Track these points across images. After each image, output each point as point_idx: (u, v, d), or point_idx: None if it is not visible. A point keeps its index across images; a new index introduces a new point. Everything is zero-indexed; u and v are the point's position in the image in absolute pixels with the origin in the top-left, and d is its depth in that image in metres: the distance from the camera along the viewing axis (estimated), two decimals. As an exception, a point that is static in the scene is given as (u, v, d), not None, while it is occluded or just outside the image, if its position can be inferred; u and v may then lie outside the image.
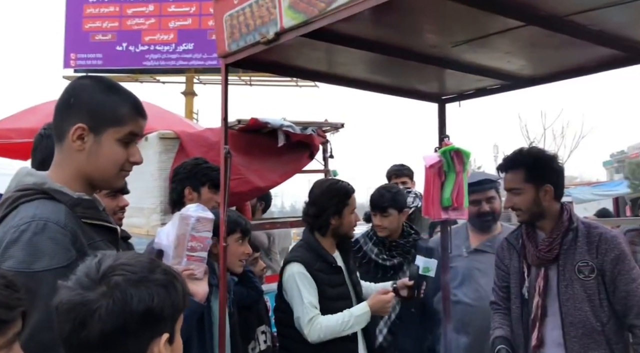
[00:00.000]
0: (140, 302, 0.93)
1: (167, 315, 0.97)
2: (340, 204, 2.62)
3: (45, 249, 1.22)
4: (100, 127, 1.39)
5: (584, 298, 2.12)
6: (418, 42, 2.10)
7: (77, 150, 1.39)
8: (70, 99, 1.40)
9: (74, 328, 0.93)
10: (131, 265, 0.98)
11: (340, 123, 3.70)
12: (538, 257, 2.22)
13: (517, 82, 2.59)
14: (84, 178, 1.42)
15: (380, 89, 2.76)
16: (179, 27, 12.68)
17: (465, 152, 2.82)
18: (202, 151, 3.25)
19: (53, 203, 1.31)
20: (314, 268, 2.55)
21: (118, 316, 0.92)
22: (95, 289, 0.94)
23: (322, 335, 2.46)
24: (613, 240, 2.14)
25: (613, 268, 2.10)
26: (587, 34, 1.91)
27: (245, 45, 2.11)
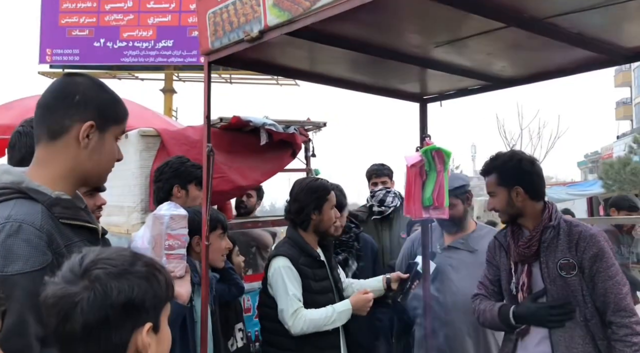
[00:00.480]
0: (121, 294, 0.96)
1: (149, 306, 1.00)
2: (320, 200, 2.71)
3: (20, 252, 1.19)
4: (105, 124, 1.41)
5: (568, 294, 2.17)
6: (401, 42, 2.11)
7: (81, 148, 1.37)
8: (75, 96, 1.37)
9: (59, 321, 0.96)
10: (112, 259, 1.00)
11: (323, 122, 3.70)
12: (518, 253, 2.29)
13: (498, 82, 2.63)
14: (76, 176, 1.40)
15: (363, 88, 2.77)
16: (158, 24, 12.54)
17: (446, 151, 2.85)
18: (183, 149, 3.22)
19: (30, 203, 1.27)
20: (298, 262, 2.62)
21: (99, 308, 0.95)
22: (77, 283, 0.96)
23: (305, 328, 2.52)
24: (592, 238, 2.18)
25: (591, 265, 2.14)
26: (567, 36, 1.95)
27: (228, 43, 2.10)
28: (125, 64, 12.53)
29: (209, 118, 2.25)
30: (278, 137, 3.44)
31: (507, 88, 2.67)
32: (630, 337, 2.06)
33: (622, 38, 2.05)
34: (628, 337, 2.06)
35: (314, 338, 2.56)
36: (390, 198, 3.78)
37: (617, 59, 2.21)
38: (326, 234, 2.79)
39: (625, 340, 2.06)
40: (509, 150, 2.57)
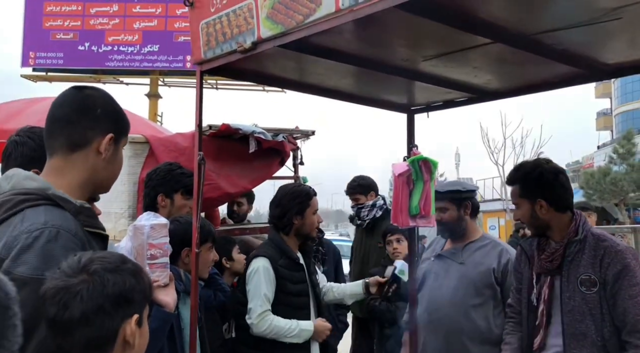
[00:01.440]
0: (115, 285, 1.10)
1: (136, 299, 1.14)
2: (302, 205, 2.80)
3: (58, 257, 1.22)
4: (120, 136, 1.50)
5: (585, 311, 2.10)
6: (390, 56, 2.16)
7: (101, 158, 1.44)
8: (97, 110, 1.44)
9: (58, 309, 1.07)
10: (107, 257, 1.15)
11: (311, 130, 3.74)
12: (541, 266, 2.27)
13: (483, 95, 2.69)
14: (91, 185, 1.45)
15: (352, 98, 2.81)
16: (144, 28, 12.48)
17: (432, 161, 2.90)
18: (172, 156, 3.23)
19: (59, 210, 1.32)
20: (278, 263, 2.70)
21: (97, 297, 1.07)
22: (77, 276, 1.09)
23: (267, 331, 2.60)
24: (617, 254, 2.09)
25: (614, 282, 2.06)
26: (552, 52, 2.01)
27: (221, 53, 2.13)
28: (110, 68, 12.45)
29: (201, 126, 2.28)
30: (267, 145, 3.46)
31: (492, 100, 2.73)
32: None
33: (604, 55, 2.12)
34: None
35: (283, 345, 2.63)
36: (364, 212, 4.05)
37: (599, 75, 2.28)
38: (308, 238, 2.88)
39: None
40: (534, 159, 2.54)
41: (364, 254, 4.12)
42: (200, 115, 2.27)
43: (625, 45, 2.01)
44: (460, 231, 3.04)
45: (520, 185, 2.33)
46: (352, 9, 1.62)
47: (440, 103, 2.95)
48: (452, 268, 3.01)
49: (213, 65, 2.19)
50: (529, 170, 2.36)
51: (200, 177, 2.24)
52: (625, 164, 15.76)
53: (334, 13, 1.68)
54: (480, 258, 2.97)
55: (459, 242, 3.07)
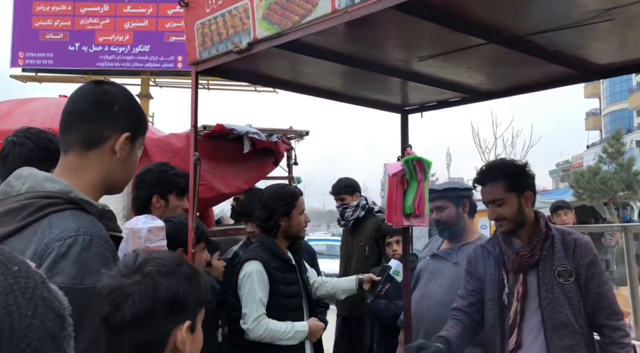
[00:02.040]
0: (168, 290, 1.06)
1: (190, 305, 1.09)
2: (288, 206, 2.77)
3: (94, 265, 1.20)
4: (136, 135, 1.44)
5: (564, 301, 2.18)
6: (386, 56, 2.17)
7: (116, 158, 1.38)
8: (114, 107, 1.38)
9: (111, 309, 1.05)
10: (162, 259, 1.11)
11: (305, 130, 3.75)
12: (520, 262, 2.27)
13: (477, 95, 2.71)
14: (105, 185, 1.40)
15: (346, 99, 2.83)
16: (135, 29, 12.42)
17: (426, 161, 2.92)
18: (166, 156, 3.23)
19: (87, 216, 1.27)
20: (271, 266, 2.68)
21: (148, 301, 1.04)
22: (131, 277, 1.07)
23: (263, 335, 2.58)
24: (587, 245, 2.24)
25: (587, 271, 2.19)
26: (544, 52, 2.04)
27: (217, 54, 2.14)
28: (101, 68, 12.36)
29: (196, 127, 2.28)
30: (261, 145, 3.47)
31: (485, 100, 2.75)
32: (623, 338, 2.14)
33: (595, 55, 2.15)
34: (621, 339, 2.14)
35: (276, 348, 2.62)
36: (349, 213, 4.12)
37: (591, 75, 2.31)
38: (296, 238, 2.87)
39: (619, 342, 2.13)
40: (498, 159, 2.56)
41: (347, 254, 4.22)
42: (196, 116, 2.27)
43: (616, 46, 2.04)
44: (458, 230, 3.04)
45: (505, 180, 2.31)
46: (348, 9, 1.63)
47: (434, 103, 2.97)
48: (446, 268, 3.02)
49: (208, 66, 2.19)
50: (513, 164, 2.39)
51: (196, 178, 2.25)
52: (615, 163, 15.93)
53: (330, 14, 1.69)
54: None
55: (456, 242, 3.07)
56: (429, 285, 3.04)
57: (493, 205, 2.34)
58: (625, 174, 15.27)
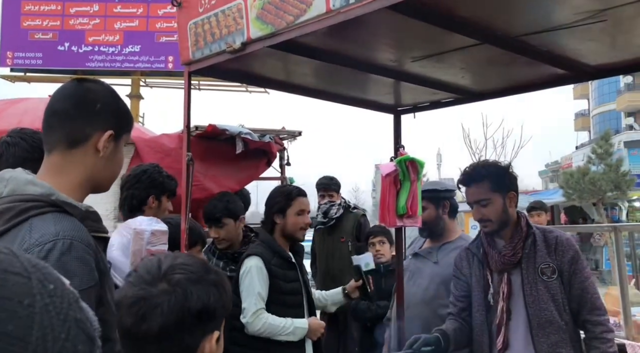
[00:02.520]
0: (199, 300, 1.00)
1: (218, 315, 1.04)
2: (283, 204, 2.76)
3: (74, 269, 1.17)
4: (120, 133, 1.41)
5: (548, 298, 2.21)
6: (380, 56, 2.17)
7: (100, 157, 1.36)
8: (97, 105, 1.36)
9: (135, 321, 0.98)
10: (190, 265, 1.04)
11: (298, 131, 3.75)
12: (503, 262, 2.30)
13: (470, 96, 2.72)
14: (90, 184, 1.38)
15: (340, 99, 2.83)
16: (125, 29, 12.35)
17: (419, 161, 2.92)
18: (158, 157, 3.22)
19: (68, 218, 1.25)
20: (271, 263, 2.68)
21: (178, 311, 0.98)
22: (157, 285, 1.00)
23: (262, 329, 2.58)
24: (568, 241, 2.28)
25: (569, 267, 2.22)
26: (537, 53, 2.05)
27: (210, 54, 2.13)
28: (91, 68, 12.26)
29: (189, 127, 2.26)
30: (254, 146, 3.46)
31: (478, 101, 2.77)
32: (605, 334, 2.16)
33: (587, 56, 2.16)
34: (604, 334, 2.16)
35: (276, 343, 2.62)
36: (334, 211, 4.15)
37: (582, 76, 2.33)
38: (293, 238, 2.83)
39: (602, 337, 2.15)
40: (482, 160, 2.59)
41: (328, 252, 4.24)
42: (189, 116, 2.26)
43: (607, 47, 2.05)
44: (438, 230, 3.05)
45: (490, 180, 2.32)
46: (342, 10, 1.63)
47: (427, 104, 2.97)
48: (426, 267, 3.02)
49: (201, 66, 2.18)
50: (496, 164, 2.42)
51: (189, 178, 2.24)
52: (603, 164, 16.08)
53: (325, 14, 1.68)
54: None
55: (437, 241, 3.08)
56: (409, 284, 3.04)
57: (478, 205, 2.35)
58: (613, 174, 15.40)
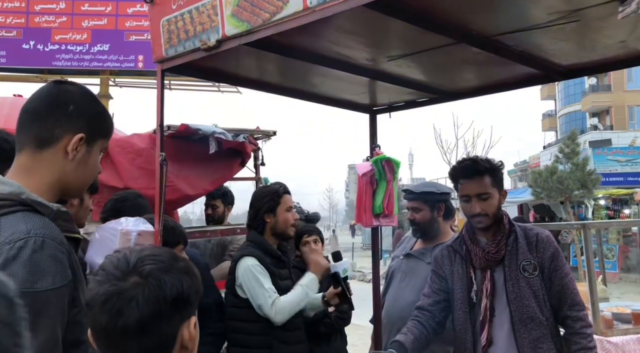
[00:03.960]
0: (173, 287, 0.98)
1: (193, 300, 1.03)
2: (271, 202, 2.78)
3: (47, 267, 1.16)
4: (94, 137, 1.37)
5: (530, 294, 2.22)
6: (356, 55, 2.16)
7: (69, 159, 1.33)
8: (69, 106, 1.33)
9: (111, 318, 0.95)
10: (158, 255, 1.03)
11: (272, 131, 3.71)
12: (487, 259, 2.30)
13: (444, 95, 2.74)
14: (59, 187, 1.34)
15: (316, 98, 2.81)
16: (93, 27, 12.04)
17: (395, 161, 2.94)
18: (129, 158, 3.14)
19: (39, 217, 1.22)
20: (265, 261, 2.69)
21: (154, 302, 0.96)
22: (128, 279, 0.97)
23: (286, 315, 2.59)
24: (548, 238, 2.30)
25: (550, 264, 2.24)
26: (511, 53, 2.07)
27: (183, 51, 2.08)
28: (58, 67, 11.91)
29: (162, 126, 2.21)
30: (227, 146, 3.41)
31: (452, 101, 2.78)
32: (585, 329, 2.20)
33: (559, 56, 2.19)
34: (583, 329, 2.20)
35: (281, 334, 2.63)
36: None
37: (554, 76, 2.36)
38: (283, 236, 2.84)
39: (581, 332, 2.19)
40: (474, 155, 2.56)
41: None
42: (162, 115, 2.21)
43: (579, 47, 2.09)
44: (432, 232, 3.05)
45: (490, 175, 2.31)
46: (319, 7, 1.61)
47: (402, 103, 2.98)
48: (420, 268, 3.02)
49: (175, 63, 2.13)
50: (492, 161, 2.40)
51: (162, 179, 2.19)
52: (570, 163, 16.45)
53: (302, 11, 1.66)
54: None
55: (430, 242, 3.08)
56: (402, 285, 3.05)
57: (478, 198, 2.30)
58: (580, 173, 15.78)
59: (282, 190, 2.83)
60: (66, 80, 1.44)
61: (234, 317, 2.71)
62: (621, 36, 1.90)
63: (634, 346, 3.88)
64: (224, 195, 4.00)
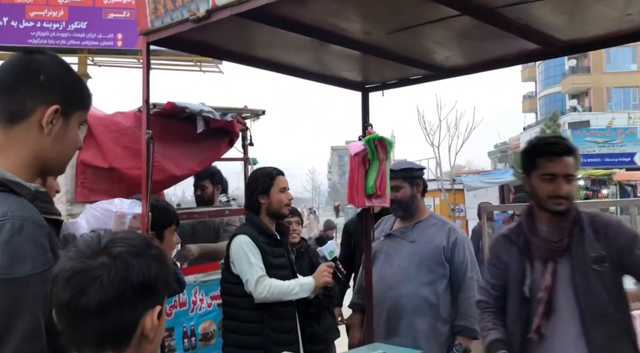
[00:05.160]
0: (140, 272, 0.96)
1: (160, 289, 1.01)
2: (265, 184, 2.85)
3: (26, 252, 1.09)
4: (70, 109, 1.28)
5: (601, 288, 1.99)
6: (353, 28, 2.08)
7: (45, 134, 1.24)
8: (39, 76, 1.23)
9: (73, 295, 0.94)
10: (131, 239, 1.01)
11: (261, 110, 3.61)
12: (549, 249, 2.07)
13: (440, 72, 2.67)
14: (37, 165, 1.25)
15: (307, 75, 2.72)
16: (70, 4, 11.65)
17: (388, 140, 2.87)
18: (113, 137, 3.02)
19: (15, 197, 1.14)
20: (258, 240, 2.76)
21: (118, 284, 0.94)
22: (97, 258, 0.96)
23: (268, 294, 2.64)
24: (620, 224, 2.07)
25: (630, 249, 1.99)
26: (513, 26, 2.01)
27: (170, 23, 1.98)
28: (33, 45, 11.53)
29: (148, 102, 2.11)
30: (215, 125, 3.30)
31: (447, 78, 2.72)
32: None
33: (561, 31, 2.13)
34: None
35: (272, 309, 2.69)
36: None
37: (555, 51, 2.30)
38: (279, 215, 2.90)
39: None
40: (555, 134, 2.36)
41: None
42: (148, 91, 2.11)
43: (582, 20, 2.03)
44: (412, 209, 3.06)
45: (575, 157, 2.09)
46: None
47: (395, 81, 2.91)
48: (403, 246, 3.01)
49: (161, 36, 2.03)
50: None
51: (149, 158, 2.10)
52: (551, 144, 16.60)
53: (299, -21, 1.57)
54: (431, 236, 2.99)
55: (409, 221, 3.08)
56: (386, 266, 3.03)
57: (565, 179, 2.07)
58: (561, 154, 15.96)
59: (275, 172, 2.90)
60: (36, 49, 1.33)
61: (229, 292, 2.82)
62: (630, 8, 1.84)
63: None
64: (212, 175, 3.90)
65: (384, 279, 2.98)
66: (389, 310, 2.95)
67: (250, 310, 2.70)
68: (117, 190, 3.10)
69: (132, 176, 3.04)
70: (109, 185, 3.06)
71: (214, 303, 3.44)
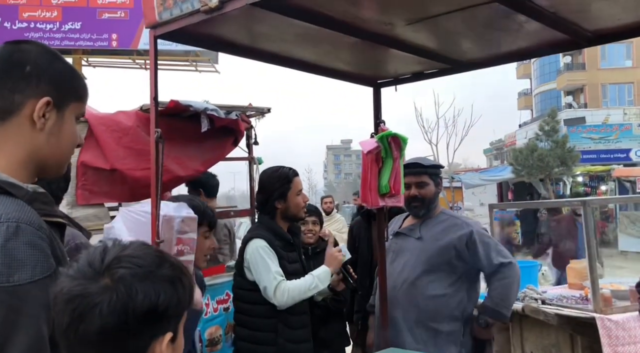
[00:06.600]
0: (145, 299, 0.86)
1: (171, 314, 0.90)
2: (282, 188, 2.70)
3: (25, 258, 0.99)
4: (63, 101, 1.17)
5: None
6: (373, 19, 1.97)
7: (38, 130, 1.13)
8: (26, 67, 1.12)
9: (72, 321, 0.85)
10: (138, 258, 0.89)
11: (267, 107, 3.49)
12: None
13: (458, 65, 2.56)
14: (34, 164, 1.15)
15: (318, 70, 2.61)
16: (64, 4, 11.55)
17: (402, 137, 2.76)
18: (115, 136, 2.91)
19: (11, 199, 1.04)
20: (274, 244, 2.64)
21: (120, 313, 0.84)
22: (98, 281, 0.86)
23: (289, 299, 2.54)
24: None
25: None
26: (542, 14, 1.90)
27: (180, 14, 1.86)
28: (27, 46, 11.42)
29: (157, 100, 1.99)
30: (220, 124, 3.19)
31: (465, 71, 2.61)
32: None
33: (591, 20, 2.04)
34: None
35: (286, 318, 2.60)
36: None
37: (581, 41, 2.20)
38: (295, 219, 2.81)
39: None
40: None
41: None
42: (156, 87, 1.99)
43: (622, 8, 1.92)
44: (433, 207, 2.98)
45: None
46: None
47: (408, 75, 2.80)
48: (409, 244, 2.94)
49: (170, 29, 1.90)
50: None
51: (158, 158, 1.98)
52: (550, 140, 16.60)
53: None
54: (440, 233, 2.89)
55: (419, 218, 3.00)
56: (394, 265, 2.95)
57: None
58: (560, 150, 15.94)
59: (291, 175, 2.75)
60: (25, 39, 1.22)
61: (242, 298, 2.69)
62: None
63: (634, 323, 3.84)
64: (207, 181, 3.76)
65: (390, 278, 2.90)
66: (395, 309, 2.86)
67: (265, 318, 2.60)
68: (119, 192, 3.00)
69: (134, 178, 2.93)
70: (111, 187, 2.96)
71: (220, 308, 3.34)
